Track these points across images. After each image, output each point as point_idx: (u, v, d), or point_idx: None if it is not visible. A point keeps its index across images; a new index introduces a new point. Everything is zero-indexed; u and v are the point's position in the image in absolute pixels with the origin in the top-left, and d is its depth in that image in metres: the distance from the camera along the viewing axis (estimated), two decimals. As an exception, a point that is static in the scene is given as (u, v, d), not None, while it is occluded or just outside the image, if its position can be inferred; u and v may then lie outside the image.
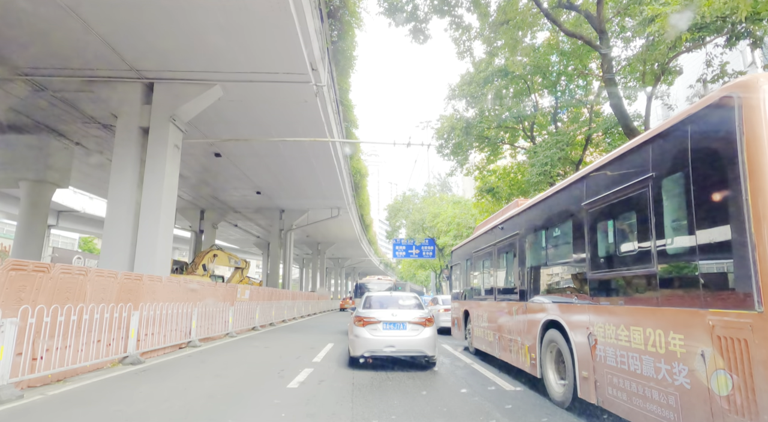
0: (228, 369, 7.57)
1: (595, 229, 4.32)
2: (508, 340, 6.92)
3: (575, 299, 4.65)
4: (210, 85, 11.54)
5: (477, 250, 9.13)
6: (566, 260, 4.94)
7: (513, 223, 6.90)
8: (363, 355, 7.45)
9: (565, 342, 4.84)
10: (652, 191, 3.37)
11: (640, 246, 3.52)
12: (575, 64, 16.97)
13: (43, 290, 5.82)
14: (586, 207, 4.42)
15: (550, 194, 5.46)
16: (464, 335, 10.35)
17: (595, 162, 4.39)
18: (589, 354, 4.27)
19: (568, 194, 4.95)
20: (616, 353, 3.79)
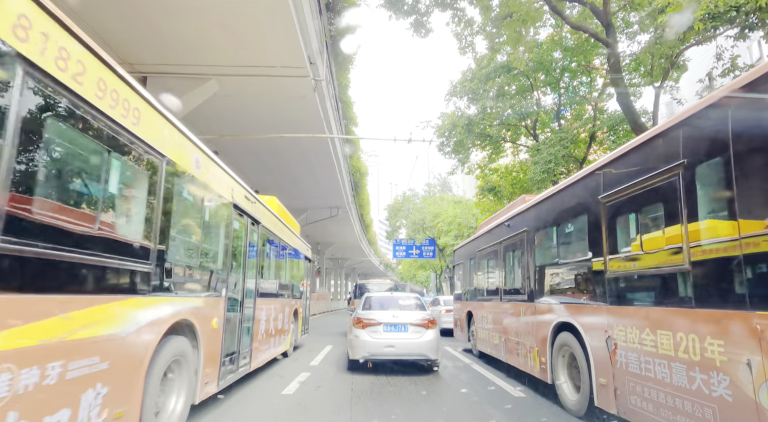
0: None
1: (614, 224, 3.98)
2: (515, 343, 6.58)
3: (591, 299, 4.31)
4: (205, 80, 11.19)
5: (481, 249, 8.78)
6: (580, 258, 4.59)
7: (520, 220, 6.56)
8: (363, 359, 7.11)
9: (579, 346, 4.50)
10: (684, 180, 3.03)
11: (670, 241, 3.18)
12: (578, 60, 16.65)
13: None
14: (604, 200, 4.08)
15: (562, 187, 5.12)
16: (467, 337, 10.01)
17: (613, 151, 4.06)
18: (607, 359, 3.93)
19: (583, 187, 4.61)
20: (640, 359, 3.45)
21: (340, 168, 19.92)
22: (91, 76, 2.57)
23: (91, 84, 2.57)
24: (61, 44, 2.33)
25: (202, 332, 4.23)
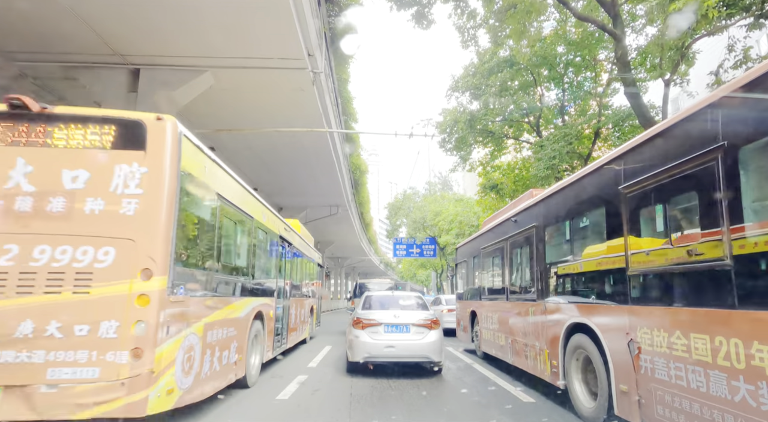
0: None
1: (637, 216, 3.64)
2: (522, 345, 6.24)
3: (610, 299, 3.97)
4: (200, 72, 10.84)
5: (486, 246, 8.45)
6: (597, 255, 4.26)
7: (528, 215, 6.22)
8: (362, 361, 6.78)
9: (596, 349, 4.16)
10: (723, 165, 2.69)
11: (707, 234, 2.84)
12: (583, 54, 16.29)
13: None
14: (626, 191, 3.74)
15: (576, 179, 4.78)
16: (471, 337, 9.68)
17: (637, 137, 3.72)
18: (630, 364, 3.59)
19: (600, 178, 4.28)
20: (670, 365, 3.11)
21: (339, 165, 19.56)
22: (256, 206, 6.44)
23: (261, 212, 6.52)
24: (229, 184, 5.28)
25: (267, 319, 6.83)
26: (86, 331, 3.25)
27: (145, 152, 3.62)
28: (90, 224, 3.46)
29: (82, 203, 3.49)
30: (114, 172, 3.56)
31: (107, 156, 3.62)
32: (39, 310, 3.24)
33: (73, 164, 3.57)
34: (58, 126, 3.66)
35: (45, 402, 3.10)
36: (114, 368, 3.19)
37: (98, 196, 3.51)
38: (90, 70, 10.52)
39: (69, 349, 3.20)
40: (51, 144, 3.62)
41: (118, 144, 3.66)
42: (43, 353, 3.18)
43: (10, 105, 3.60)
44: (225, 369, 4.93)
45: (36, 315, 3.23)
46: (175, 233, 3.61)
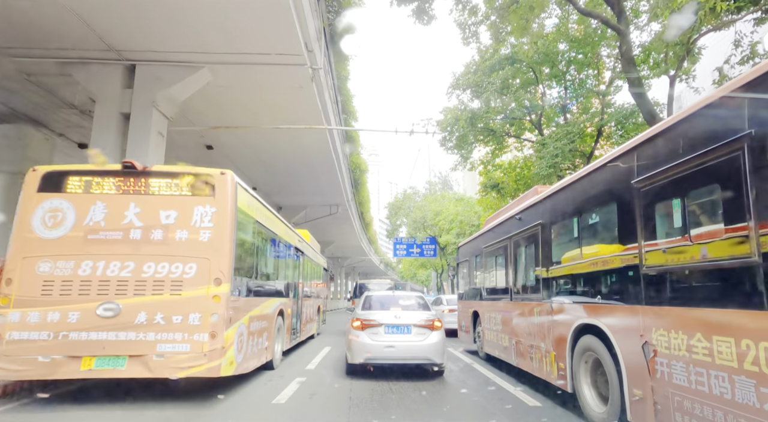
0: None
1: (651, 211, 3.45)
2: (527, 346, 6.05)
3: (622, 299, 3.78)
4: (197, 68, 10.64)
5: (488, 245, 8.25)
6: (607, 253, 4.07)
7: (534, 212, 6.03)
8: (362, 362, 6.59)
9: (607, 351, 3.97)
10: (750, 154, 2.50)
11: (731, 230, 2.65)
12: (585, 51, 16.09)
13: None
14: (639, 185, 3.55)
15: (585, 174, 4.59)
16: (473, 338, 9.48)
17: (651, 128, 3.52)
18: (644, 368, 3.40)
19: (610, 172, 4.08)
20: (690, 369, 2.92)
21: (339, 164, 19.36)
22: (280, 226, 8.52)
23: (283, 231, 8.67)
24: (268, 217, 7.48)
25: (286, 316, 8.31)
26: (180, 320, 4.83)
27: (214, 197, 5.24)
28: (179, 248, 5.05)
29: (174, 234, 5.10)
30: (194, 211, 5.18)
31: (189, 200, 5.23)
32: (149, 306, 4.85)
33: (167, 206, 5.19)
34: (155, 180, 5.30)
35: (156, 366, 4.69)
36: (199, 344, 4.76)
37: (184, 228, 5.12)
38: (85, 66, 10.32)
39: (170, 332, 4.77)
40: (151, 193, 5.27)
41: (196, 192, 5.28)
42: (153, 334, 4.76)
43: (123, 166, 5.30)
44: (260, 352, 6.48)
45: (147, 309, 4.83)
46: (234, 253, 5.25)
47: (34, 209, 5.08)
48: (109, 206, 5.17)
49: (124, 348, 4.71)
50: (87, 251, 4.99)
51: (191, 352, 4.73)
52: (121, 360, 4.70)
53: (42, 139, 13.72)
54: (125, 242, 5.04)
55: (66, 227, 5.05)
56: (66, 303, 4.79)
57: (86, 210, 5.13)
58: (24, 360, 4.60)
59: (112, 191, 5.26)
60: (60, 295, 4.82)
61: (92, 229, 5.08)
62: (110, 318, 4.77)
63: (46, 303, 4.78)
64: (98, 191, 5.24)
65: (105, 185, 5.28)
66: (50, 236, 5.01)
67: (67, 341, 4.68)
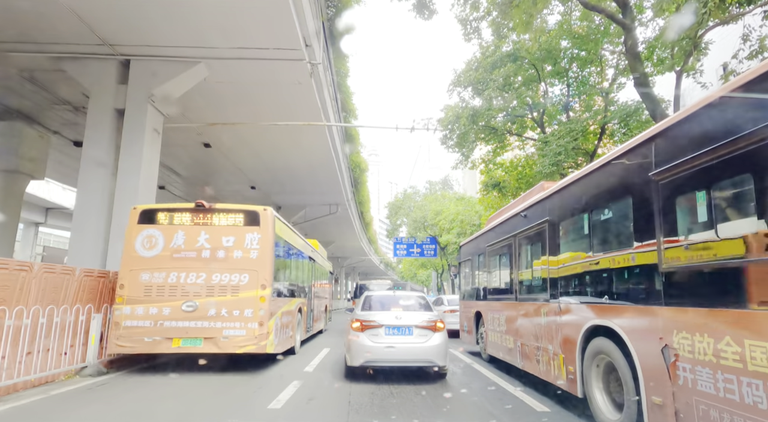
0: (201, 381, 6.47)
1: (671, 206, 3.22)
2: (533, 348, 5.82)
3: (639, 299, 3.55)
4: (193, 64, 10.42)
5: (492, 243, 8.02)
6: (623, 250, 3.84)
7: (540, 209, 5.79)
8: (362, 365, 6.35)
9: (621, 355, 3.74)
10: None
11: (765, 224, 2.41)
12: (588, 48, 15.86)
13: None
14: (658, 178, 3.32)
15: (596, 167, 4.36)
16: (476, 339, 9.25)
17: (672, 116, 3.29)
18: (664, 373, 3.17)
19: (625, 165, 3.85)
20: (717, 376, 2.69)
21: (339, 163, 19.13)
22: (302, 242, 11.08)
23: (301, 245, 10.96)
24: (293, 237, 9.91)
25: (303, 313, 10.05)
26: (238, 313, 6.80)
27: (259, 227, 7.27)
28: (236, 263, 7.03)
29: (233, 253, 7.09)
30: (246, 237, 7.17)
31: (242, 229, 7.25)
32: (217, 304, 6.82)
33: (227, 234, 7.19)
34: (218, 214, 7.33)
35: (223, 345, 6.66)
36: (251, 330, 6.72)
37: (239, 249, 7.11)
38: (78, 61, 10.09)
39: (231, 321, 6.74)
40: (215, 224, 7.27)
41: (247, 223, 7.31)
42: (220, 323, 6.73)
43: (196, 205, 7.34)
44: (287, 339, 8.57)
45: (216, 306, 6.80)
46: (273, 266, 7.34)
47: (135, 236, 7.14)
48: (187, 234, 7.21)
49: (201, 332, 6.75)
50: (173, 265, 7.03)
51: (246, 336, 6.76)
52: (198, 341, 6.76)
53: (36, 136, 13.50)
54: (198, 259, 7.09)
55: (158, 248, 7.12)
56: (160, 302, 6.85)
57: (171, 237, 7.17)
58: (135, 340, 6.66)
59: (188, 222, 7.31)
60: (156, 296, 6.87)
61: (176, 250, 7.12)
62: (191, 312, 6.82)
63: (147, 302, 6.82)
64: (179, 222, 7.29)
65: (183, 218, 7.36)
66: (147, 255, 7.07)
67: (162, 327, 6.72)
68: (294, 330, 9.23)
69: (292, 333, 8.98)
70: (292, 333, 9.03)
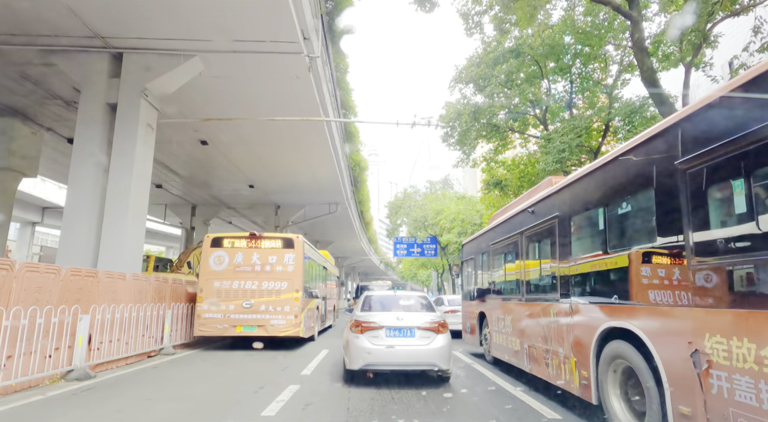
0: (192, 385, 6.19)
1: (701, 197, 2.93)
2: (542, 351, 5.53)
3: (663, 298, 3.26)
4: (188, 57, 10.13)
5: (496, 241, 7.73)
6: (643, 245, 3.55)
7: (549, 204, 5.50)
8: (361, 369, 6.06)
9: (642, 360, 3.45)
10: None
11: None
12: (592, 43, 15.54)
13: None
14: (686, 166, 3.03)
15: (612, 158, 4.06)
16: (479, 341, 8.96)
17: (699, 100, 3.00)
18: (694, 381, 2.88)
19: (646, 153, 3.56)
20: (759, 386, 2.40)
21: (338, 161, 18.82)
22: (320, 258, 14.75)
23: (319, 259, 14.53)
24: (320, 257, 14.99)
25: (319, 309, 13.27)
26: (280, 309, 9.71)
27: (293, 249, 10.14)
28: (279, 275, 9.89)
29: (276, 268, 9.94)
30: (284, 257, 10.01)
31: (282, 251, 10.08)
32: (266, 302, 9.72)
33: (271, 254, 10.04)
34: (266, 240, 10.25)
35: (271, 330, 9.57)
36: (289, 321, 9.63)
37: (280, 265, 9.95)
38: (68, 54, 9.80)
39: (276, 315, 9.65)
40: (263, 248, 10.13)
41: (285, 246, 10.19)
42: (269, 316, 9.65)
43: (250, 234, 10.29)
44: (311, 328, 11.33)
45: (265, 304, 9.71)
46: (303, 277, 10.24)
47: (209, 256, 10.09)
48: (244, 255, 10.12)
49: (255, 322, 9.68)
50: (235, 276, 9.96)
51: (286, 324, 9.69)
52: (254, 328, 9.67)
53: (29, 133, 13.20)
54: (253, 272, 9.99)
55: (225, 265, 10.02)
56: (227, 301, 9.77)
57: (233, 256, 10.10)
58: (210, 326, 9.64)
59: (244, 246, 10.24)
60: (224, 297, 9.80)
61: (237, 266, 10.03)
62: (248, 308, 9.73)
63: (219, 301, 9.76)
64: (238, 246, 10.22)
65: (241, 243, 10.26)
66: (217, 269, 9.97)
67: (229, 318, 9.65)
68: (314, 323, 12.42)
69: (313, 325, 12.11)
70: (313, 325, 12.21)
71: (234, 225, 32.29)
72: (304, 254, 10.50)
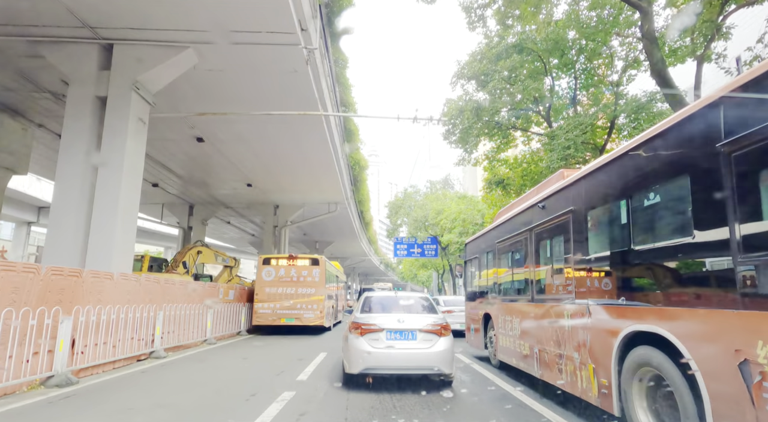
0: (180, 392, 5.80)
1: (751, 182, 2.55)
2: (554, 356, 5.15)
3: (702, 299, 2.88)
4: (181, 49, 9.77)
5: (503, 239, 7.34)
6: (675, 240, 3.17)
7: (562, 198, 5.12)
8: (361, 372, 5.74)
9: (676, 369, 3.07)
10: None
11: None
12: (598, 37, 15.16)
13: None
14: (729, 149, 2.65)
15: (638, 144, 3.68)
16: (483, 343, 8.58)
17: (747, 73, 2.62)
18: (744, 395, 2.50)
19: (680, 136, 3.18)
20: (833, 403, 2.01)
21: (337, 159, 18.44)
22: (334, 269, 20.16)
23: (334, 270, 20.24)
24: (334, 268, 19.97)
25: (333, 308, 18.09)
26: (310, 307, 14.53)
27: (318, 266, 15.01)
28: (309, 284, 14.68)
29: (307, 279, 14.77)
30: (312, 271, 14.87)
31: (310, 266, 14.96)
32: (301, 302, 14.54)
33: (303, 269, 14.90)
34: (299, 260, 15.12)
35: (304, 321, 14.37)
36: (317, 315, 14.41)
37: (310, 277, 14.78)
38: (57, 45, 9.42)
39: (307, 311, 14.44)
40: (298, 265, 14.97)
41: (312, 264, 15.07)
42: (303, 311, 14.42)
43: (289, 256, 15.22)
44: (329, 321, 16.05)
45: (300, 303, 14.52)
46: (326, 284, 15.19)
47: (262, 270, 14.62)
48: (285, 270, 14.60)
49: (293, 315, 14.13)
50: (280, 285, 14.43)
51: (314, 317, 14.16)
52: (292, 319, 14.14)
53: (18, 129, 12.84)
54: (291, 282, 14.44)
55: (272, 277, 14.50)
56: (274, 301, 14.28)
57: (278, 271, 14.56)
58: (264, 318, 14.16)
59: (285, 264, 14.74)
60: (272, 298, 14.30)
61: (281, 277, 14.52)
62: (288, 306, 14.23)
63: (269, 301, 14.28)
64: (281, 264, 14.73)
65: (283, 262, 14.83)
66: (267, 280, 14.51)
67: (276, 313, 14.17)
68: (331, 317, 16.85)
69: (331, 318, 16.77)
70: (331, 318, 16.89)
71: (232, 225, 31.91)
72: (326, 269, 15.48)
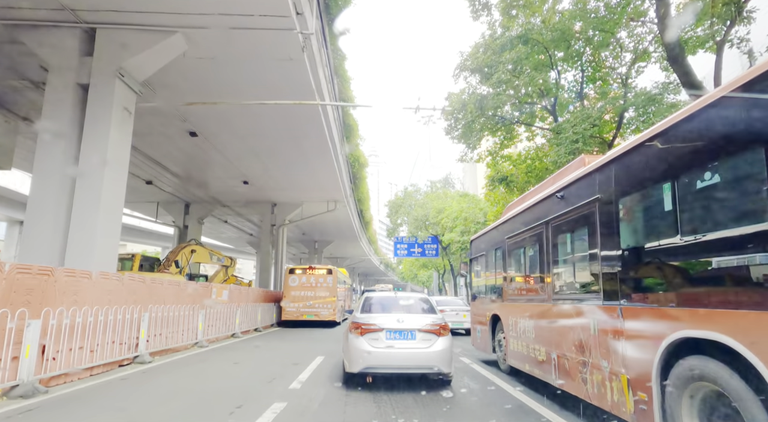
0: (160, 403, 5.22)
1: None
2: (577, 363, 4.57)
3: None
4: (169, 33, 9.21)
5: (514, 234, 6.77)
6: (743, 227, 2.60)
7: (586, 185, 4.54)
8: (360, 372, 5.68)
9: (745, 386, 2.50)
10: None
11: None
12: (607, 27, 14.60)
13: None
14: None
15: (688, 114, 3.10)
16: (492, 347, 8.01)
17: None
18: None
19: (748, 100, 2.60)
20: None
21: (336, 155, 17.86)
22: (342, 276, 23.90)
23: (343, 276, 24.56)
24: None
25: (341, 307, 21.56)
26: (326, 306, 19.03)
27: (332, 274, 19.52)
28: (324, 289, 19.23)
29: (322, 284, 19.28)
30: (327, 278, 19.43)
31: (325, 275, 19.54)
32: (319, 303, 19.03)
33: (320, 277, 19.44)
34: (316, 269, 19.70)
35: (321, 317, 18.82)
36: (331, 313, 18.98)
37: (326, 284, 19.29)
38: (36, 29, 8.83)
39: (323, 309, 18.95)
40: (316, 274, 19.52)
41: (327, 273, 19.57)
42: (320, 309, 18.89)
43: (309, 267, 19.85)
44: (340, 317, 20.04)
45: (318, 304, 19.01)
46: (337, 289, 19.91)
47: (288, 278, 19.02)
48: (307, 277, 19.09)
49: (313, 312, 18.53)
50: (302, 289, 18.84)
51: (329, 314, 18.57)
52: (312, 315, 18.51)
53: (2, 122, 12.27)
54: (311, 287, 18.84)
55: (296, 283, 18.92)
56: (298, 301, 18.64)
57: (301, 278, 19.04)
58: (290, 315, 18.56)
59: (306, 273, 19.21)
60: (297, 300, 18.68)
61: (303, 283, 18.95)
62: (309, 306, 18.58)
63: (294, 301, 18.63)
64: (303, 273, 19.22)
65: (302, 271, 19.31)
66: (293, 285, 18.86)
67: (299, 311, 18.55)
68: (341, 314, 20.31)
69: (340, 315, 20.07)
70: (341, 315, 20.15)
71: (230, 224, 31.33)
72: (337, 277, 19.49)
